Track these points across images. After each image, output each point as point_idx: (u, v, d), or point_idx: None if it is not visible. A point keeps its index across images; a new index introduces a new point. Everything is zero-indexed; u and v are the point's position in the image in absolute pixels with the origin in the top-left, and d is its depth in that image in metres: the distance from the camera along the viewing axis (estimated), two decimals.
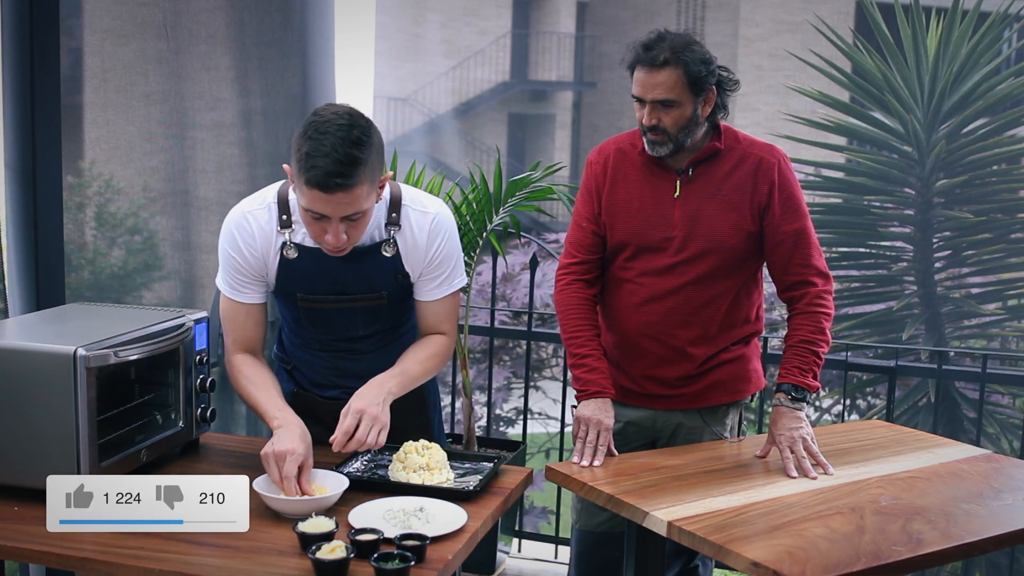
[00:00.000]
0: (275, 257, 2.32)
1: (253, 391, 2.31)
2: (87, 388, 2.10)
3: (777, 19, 17.48)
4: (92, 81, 2.90)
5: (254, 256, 2.32)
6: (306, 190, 2.11)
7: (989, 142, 5.24)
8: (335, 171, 2.06)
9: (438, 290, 2.41)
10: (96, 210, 3.04)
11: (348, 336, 2.43)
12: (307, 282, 2.33)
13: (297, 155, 2.11)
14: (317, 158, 2.06)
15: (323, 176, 2.06)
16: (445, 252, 2.38)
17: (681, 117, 2.51)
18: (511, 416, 5.86)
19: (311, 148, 2.07)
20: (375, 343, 2.47)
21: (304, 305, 2.37)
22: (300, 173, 2.10)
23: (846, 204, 5.54)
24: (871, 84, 5.33)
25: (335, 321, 2.40)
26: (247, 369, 2.35)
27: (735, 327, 2.68)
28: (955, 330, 5.21)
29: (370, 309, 2.39)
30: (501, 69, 20.57)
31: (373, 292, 2.36)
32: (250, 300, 2.38)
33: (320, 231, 2.18)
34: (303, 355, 2.52)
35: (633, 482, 2.37)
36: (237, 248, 2.32)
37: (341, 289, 2.34)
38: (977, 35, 5.15)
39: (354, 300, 2.36)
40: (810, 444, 2.49)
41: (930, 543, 2.07)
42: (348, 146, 2.07)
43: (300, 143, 2.10)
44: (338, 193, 2.09)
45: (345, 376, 2.47)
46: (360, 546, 1.89)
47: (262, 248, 2.32)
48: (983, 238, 5.25)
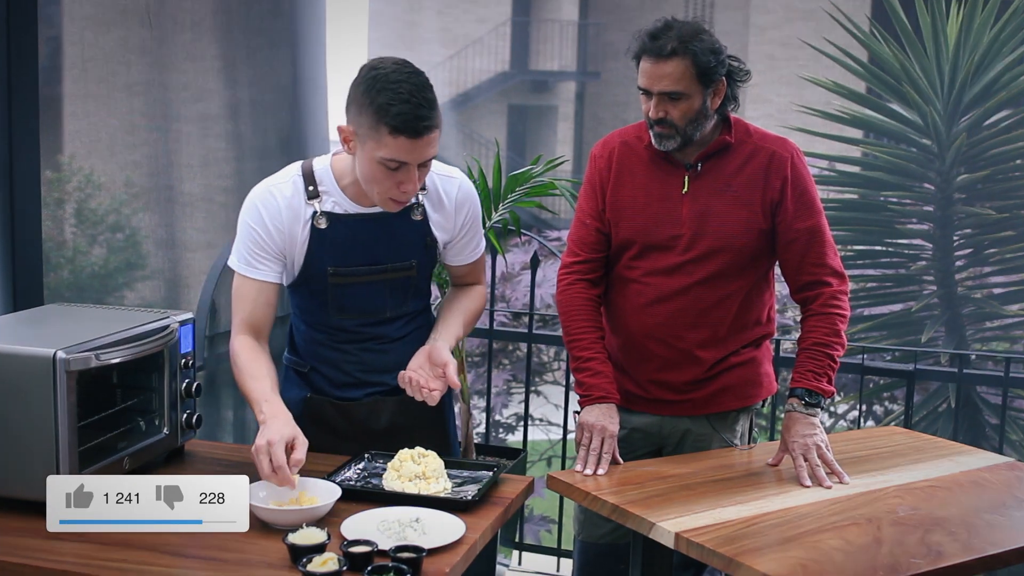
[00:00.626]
0: (304, 230, 2.34)
1: (247, 380, 2.30)
2: (67, 393, 2.06)
3: (790, 6, 17.42)
4: (72, 71, 2.90)
5: (278, 231, 2.33)
6: (391, 139, 2.16)
7: (1012, 135, 5.18)
8: (422, 114, 2.15)
9: (472, 254, 2.54)
10: (76, 206, 3.04)
11: (376, 318, 2.44)
12: (339, 252, 2.35)
13: (373, 107, 2.15)
14: (400, 104, 2.13)
15: (412, 120, 2.14)
16: (474, 217, 2.49)
17: (689, 110, 2.47)
18: (511, 422, 5.88)
19: (390, 97, 2.14)
20: (401, 327, 2.47)
21: (334, 282, 2.37)
22: (382, 122, 2.15)
23: (862, 200, 5.50)
24: (888, 74, 5.29)
25: (363, 299, 2.41)
26: (246, 355, 2.33)
27: (746, 329, 2.64)
28: (976, 332, 5.18)
29: (399, 283, 2.42)
30: (500, 58, 20.54)
31: (403, 261, 2.40)
32: (265, 278, 2.36)
33: (394, 183, 2.22)
34: (324, 352, 2.48)
35: (639, 491, 2.34)
36: (261, 222, 2.33)
37: (372, 259, 2.38)
38: (1000, 22, 5.08)
39: (384, 272, 2.39)
40: (824, 452, 2.46)
41: (950, 556, 2.04)
42: (423, 90, 2.17)
43: (372, 95, 2.16)
44: (424, 136, 2.17)
45: (370, 371, 2.47)
46: (353, 558, 1.85)
47: (288, 222, 2.33)
48: (1006, 235, 5.21)
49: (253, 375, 2.29)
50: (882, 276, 5.42)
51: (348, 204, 2.35)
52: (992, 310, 5.19)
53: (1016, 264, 5.21)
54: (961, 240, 5.26)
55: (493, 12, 20.28)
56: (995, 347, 5.19)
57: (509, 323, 5.53)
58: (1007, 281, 5.28)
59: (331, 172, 2.36)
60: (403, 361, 2.37)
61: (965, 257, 5.28)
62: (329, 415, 2.49)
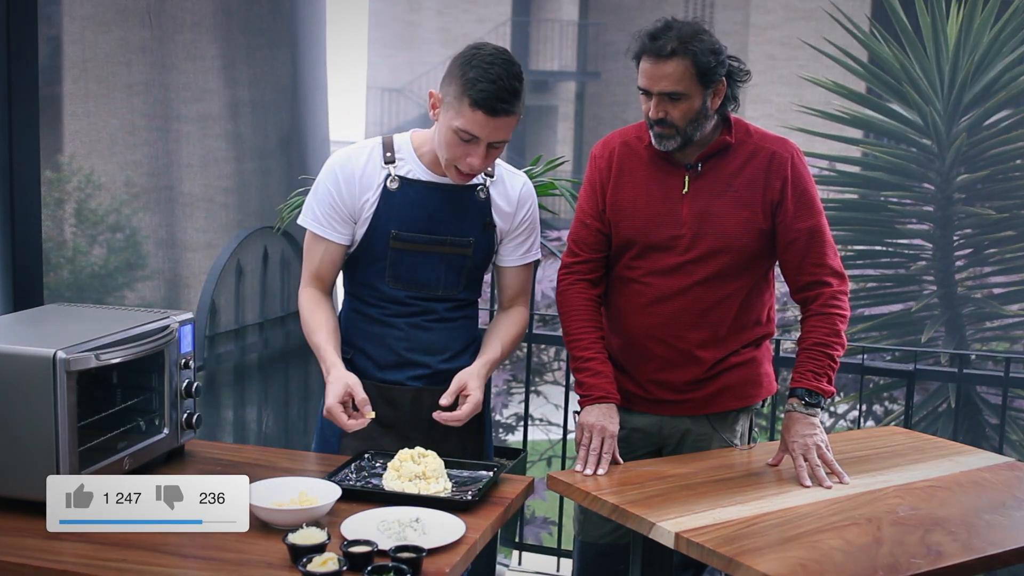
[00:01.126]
0: (376, 191, 2.48)
1: (315, 331, 2.48)
2: (67, 393, 2.06)
3: (790, 6, 17.39)
4: (72, 71, 2.90)
5: (351, 194, 2.48)
6: (469, 112, 2.31)
7: (1012, 135, 5.14)
8: (503, 97, 2.31)
9: (525, 256, 2.63)
10: (76, 206, 3.04)
11: (428, 293, 2.54)
12: (403, 216, 2.48)
13: (462, 79, 2.32)
14: (486, 83, 2.30)
15: (493, 100, 2.30)
16: (533, 217, 2.62)
17: (689, 110, 2.47)
18: (511, 422, 5.85)
19: (479, 74, 2.30)
20: (449, 310, 2.57)
21: (395, 246, 2.48)
22: (465, 94, 2.31)
23: (862, 200, 5.47)
24: (888, 74, 5.26)
25: (419, 271, 2.51)
26: (313, 307, 2.52)
27: (746, 329, 2.64)
28: (976, 332, 5.15)
29: (455, 261, 2.52)
30: None
31: (461, 237, 2.51)
32: (333, 239, 2.51)
33: (463, 153, 2.37)
34: (372, 329, 2.57)
35: (639, 491, 2.33)
36: (336, 183, 2.48)
37: (433, 227, 2.49)
38: (1000, 22, 5.05)
39: (443, 244, 2.50)
40: (824, 452, 2.45)
41: (950, 555, 2.03)
42: (512, 78, 2.32)
43: (464, 69, 2.33)
44: (501, 118, 2.32)
45: (414, 350, 2.55)
46: (353, 558, 1.85)
47: (361, 186, 2.48)
48: (1006, 235, 5.17)
49: (311, 328, 2.49)
50: (882, 276, 5.40)
51: (421, 171, 2.49)
52: (992, 310, 5.17)
53: (1016, 264, 5.19)
54: (961, 240, 5.24)
55: (493, 12, 20.25)
56: (995, 347, 5.17)
57: None
58: (1007, 281, 5.24)
59: (409, 142, 2.52)
60: (447, 345, 2.55)
61: (965, 257, 5.25)
62: (373, 401, 2.49)
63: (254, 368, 3.80)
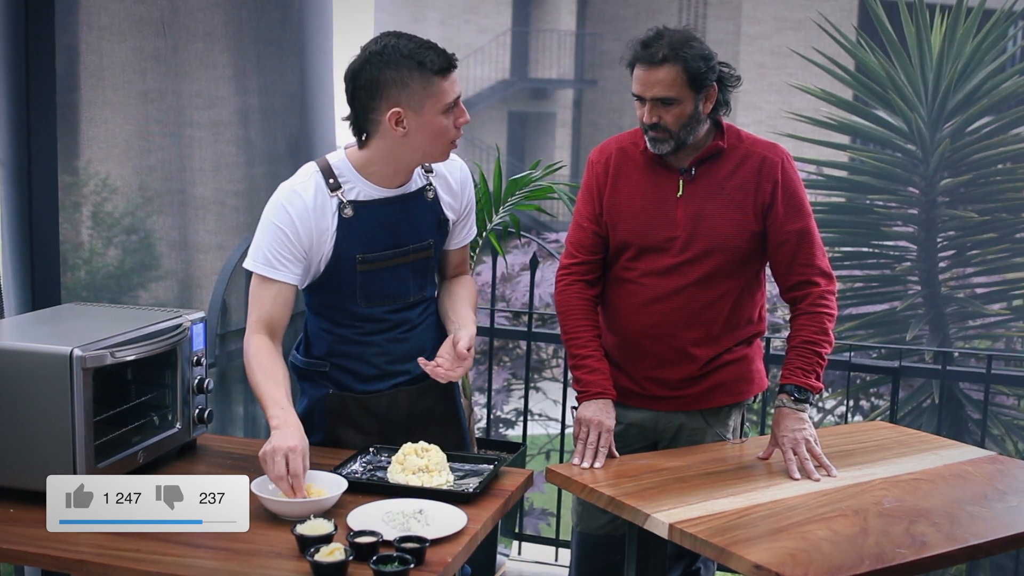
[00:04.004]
0: (332, 222, 2.36)
1: (262, 381, 2.28)
2: (83, 389, 2.09)
3: (779, 16, 17.40)
4: (88, 79, 2.89)
5: (305, 229, 2.33)
6: (442, 82, 2.28)
7: (994, 140, 5.19)
8: (445, 51, 2.30)
9: (470, 234, 2.63)
10: (92, 209, 3.02)
11: (401, 303, 2.48)
12: (365, 239, 2.39)
13: (411, 72, 2.26)
14: (425, 52, 2.27)
15: (445, 57, 2.29)
16: (472, 196, 2.60)
17: (682, 114, 2.50)
18: (511, 417, 5.84)
19: (411, 50, 2.26)
20: (421, 314, 2.53)
21: (362, 269, 2.40)
22: (429, 75, 2.27)
23: (849, 203, 5.49)
24: (875, 82, 5.29)
25: (389, 284, 2.45)
26: (262, 356, 2.32)
27: (738, 328, 2.67)
28: (959, 331, 5.17)
29: (420, 265, 2.49)
30: (501, 67, 20.50)
31: (421, 241, 2.47)
32: (284, 279, 2.35)
33: (453, 124, 2.34)
34: (349, 348, 2.48)
35: (634, 484, 2.36)
36: (289, 221, 2.33)
37: (395, 242, 2.43)
38: (982, 32, 5.09)
39: (407, 254, 2.45)
40: (813, 446, 2.48)
41: (934, 546, 2.06)
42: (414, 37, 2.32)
43: (399, 67, 2.26)
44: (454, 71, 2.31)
45: (395, 361, 2.50)
46: (359, 548, 1.88)
47: (316, 218, 2.34)
48: (988, 237, 5.20)
49: (269, 378, 2.27)
50: (868, 276, 5.40)
51: (371, 190, 2.38)
52: (974, 309, 5.19)
53: (997, 265, 5.20)
54: (944, 242, 5.25)
55: (494, 22, 20.24)
56: (977, 345, 5.18)
57: (509, 322, 5.52)
58: (989, 281, 5.25)
59: (348, 163, 2.38)
60: (422, 348, 2.48)
61: (948, 258, 5.26)
62: (350, 410, 2.50)
63: None
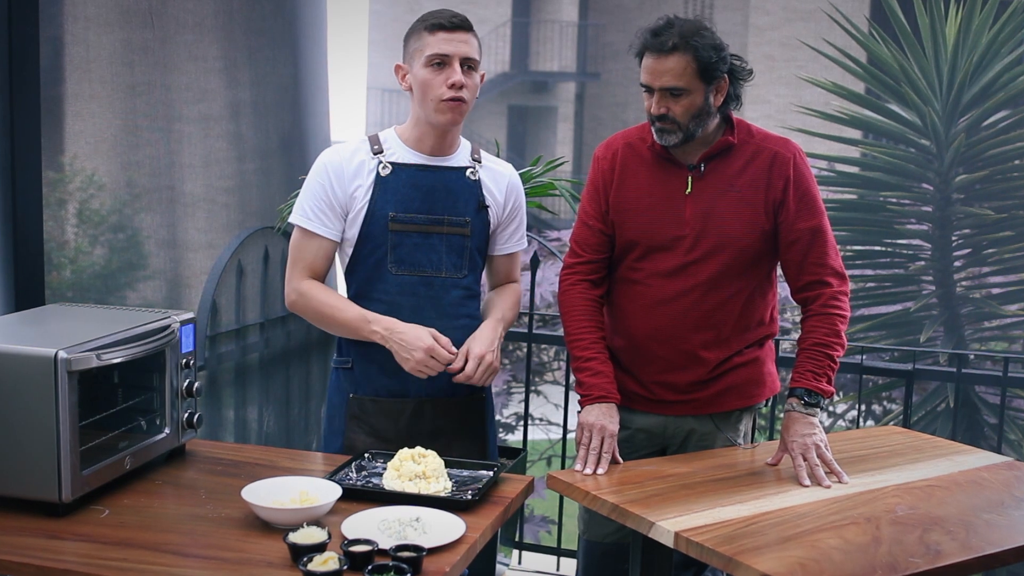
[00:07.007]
0: (368, 178, 2.52)
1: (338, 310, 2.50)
2: (69, 392, 2.06)
3: (789, 7, 17.37)
4: (74, 72, 2.88)
5: (342, 186, 2.52)
6: (430, 37, 2.46)
7: (1011, 135, 5.13)
8: (452, 15, 2.48)
9: (518, 243, 2.71)
10: (78, 206, 3.01)
11: (432, 279, 2.54)
12: (399, 198, 2.52)
13: (415, 28, 2.51)
14: (435, 13, 2.49)
15: (445, 18, 2.47)
16: (521, 205, 2.70)
17: (691, 106, 2.47)
18: (511, 422, 5.85)
19: (426, 14, 2.50)
20: (453, 304, 2.56)
21: (394, 228, 2.51)
22: (422, 31, 2.49)
23: (861, 200, 5.46)
24: (887, 75, 5.25)
25: (421, 252, 2.53)
26: (319, 291, 2.53)
27: (749, 329, 2.64)
28: (975, 332, 5.14)
29: (455, 242, 2.55)
30: (500, 59, 20.51)
31: (458, 216, 2.55)
32: (326, 234, 2.53)
33: (443, 82, 2.46)
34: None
35: (638, 491, 2.33)
36: (327, 176, 2.53)
37: (429, 207, 2.53)
38: (998, 23, 5.05)
39: (441, 224, 2.54)
40: (824, 451, 2.45)
41: (949, 555, 2.04)
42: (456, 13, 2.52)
43: (415, 24, 2.52)
44: (459, 32, 2.46)
45: None
46: (353, 558, 1.85)
47: (352, 176, 2.52)
48: (1004, 236, 5.15)
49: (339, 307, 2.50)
50: (881, 276, 5.38)
51: (410, 155, 2.54)
52: (991, 310, 5.16)
53: (1014, 264, 5.18)
54: (960, 240, 5.23)
55: (493, 13, 20.24)
56: (993, 347, 5.16)
57: None
58: (1005, 281, 5.23)
59: (395, 133, 2.60)
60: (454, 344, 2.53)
61: (964, 257, 5.24)
62: (369, 414, 2.52)
63: (255, 368, 3.80)
